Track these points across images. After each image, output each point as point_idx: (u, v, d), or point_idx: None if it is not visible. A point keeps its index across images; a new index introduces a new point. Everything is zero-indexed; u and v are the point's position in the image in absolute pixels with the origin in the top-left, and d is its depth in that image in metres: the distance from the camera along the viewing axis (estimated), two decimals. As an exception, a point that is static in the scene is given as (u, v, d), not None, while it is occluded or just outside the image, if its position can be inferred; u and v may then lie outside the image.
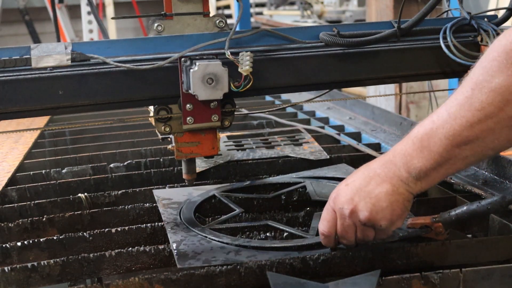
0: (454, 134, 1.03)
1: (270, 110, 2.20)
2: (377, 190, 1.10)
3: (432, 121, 1.06)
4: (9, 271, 1.15)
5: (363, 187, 1.11)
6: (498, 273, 1.12)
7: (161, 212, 1.40)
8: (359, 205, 1.10)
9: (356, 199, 1.11)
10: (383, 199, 1.10)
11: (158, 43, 1.31)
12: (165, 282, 1.10)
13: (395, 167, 1.09)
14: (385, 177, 1.10)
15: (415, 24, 1.44)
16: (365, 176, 1.12)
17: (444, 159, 1.06)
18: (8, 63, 1.22)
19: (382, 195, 1.10)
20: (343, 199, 1.12)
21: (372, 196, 1.10)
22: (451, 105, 1.04)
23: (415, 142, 1.07)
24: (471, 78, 1.03)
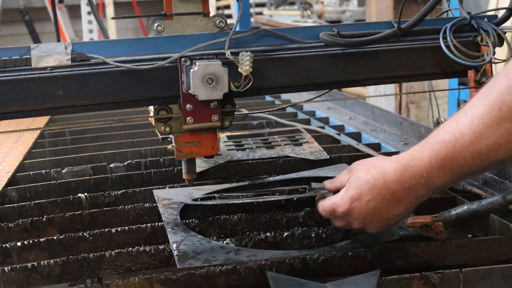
0: (480, 154, 0.99)
1: (270, 110, 2.20)
2: (391, 213, 1.11)
3: (456, 139, 1.01)
4: (9, 271, 1.15)
5: (378, 210, 1.10)
6: (498, 273, 1.12)
7: (161, 212, 1.40)
8: (369, 224, 1.13)
9: (369, 219, 1.12)
10: (394, 220, 1.13)
11: (158, 43, 1.31)
12: (165, 282, 1.10)
13: (413, 186, 1.07)
14: (402, 197, 1.09)
15: (415, 24, 1.44)
16: (382, 197, 1.10)
17: (466, 175, 1.06)
18: (8, 63, 1.22)
19: (394, 217, 1.12)
20: (356, 216, 1.13)
21: (385, 218, 1.12)
22: (475, 123, 0.99)
23: (438, 161, 1.04)
24: (497, 96, 0.96)
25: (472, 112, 1.00)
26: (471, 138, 0.99)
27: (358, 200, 1.11)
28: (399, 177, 1.08)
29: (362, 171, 1.13)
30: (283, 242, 1.29)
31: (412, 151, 1.08)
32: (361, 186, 1.11)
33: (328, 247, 1.23)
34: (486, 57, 1.47)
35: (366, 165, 1.14)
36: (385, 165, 1.10)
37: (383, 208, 1.10)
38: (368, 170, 1.12)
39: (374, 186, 1.10)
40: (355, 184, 1.12)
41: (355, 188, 1.12)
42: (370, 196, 1.10)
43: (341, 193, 1.15)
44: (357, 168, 1.15)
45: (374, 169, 1.11)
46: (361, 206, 1.11)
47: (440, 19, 1.55)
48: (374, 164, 1.13)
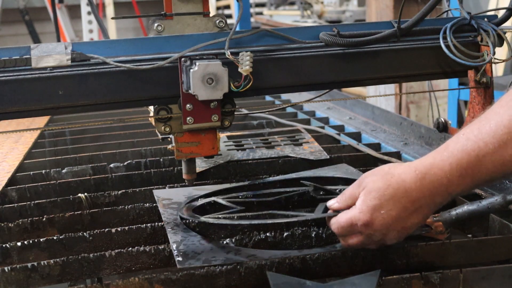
0: (504, 163, 0.99)
1: (270, 110, 2.20)
2: (411, 221, 1.09)
3: (478, 147, 1.00)
4: (9, 271, 1.15)
5: (400, 219, 1.08)
6: (498, 273, 1.12)
7: (161, 212, 1.40)
8: (390, 235, 1.10)
9: (390, 229, 1.09)
10: (413, 228, 1.11)
11: (158, 43, 1.31)
12: (165, 282, 1.10)
13: (433, 194, 1.06)
14: (422, 205, 1.07)
15: (415, 24, 1.44)
16: (402, 206, 1.07)
17: (486, 183, 1.06)
18: (8, 63, 1.22)
19: (413, 225, 1.10)
20: (377, 227, 1.09)
21: (405, 227, 1.09)
22: (499, 132, 0.98)
23: (459, 170, 1.03)
24: None
25: (496, 120, 0.99)
26: (495, 147, 0.99)
27: (379, 211, 1.07)
28: (419, 185, 1.05)
29: (378, 181, 1.08)
30: (283, 242, 1.29)
31: (430, 159, 1.06)
32: (381, 196, 1.07)
33: (328, 247, 1.22)
34: (486, 57, 1.47)
35: (381, 174, 1.09)
36: (402, 172, 1.07)
37: (404, 217, 1.07)
38: (385, 179, 1.08)
39: (394, 195, 1.06)
40: (374, 195, 1.07)
41: (374, 199, 1.07)
42: (391, 206, 1.06)
43: (358, 206, 1.09)
44: (371, 179, 1.10)
45: (392, 177, 1.07)
46: (382, 216, 1.07)
47: (440, 19, 1.55)
48: (390, 173, 1.09)
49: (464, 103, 3.56)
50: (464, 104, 3.57)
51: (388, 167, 1.11)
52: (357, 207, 1.09)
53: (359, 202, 1.09)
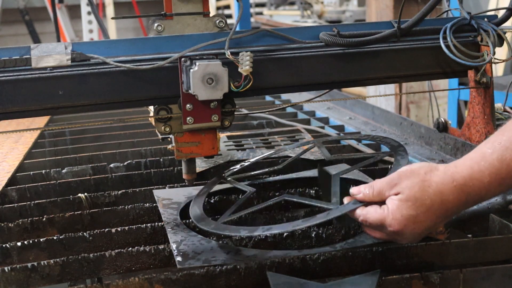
0: None
1: (270, 110, 2.20)
2: (438, 226, 1.12)
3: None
4: (9, 271, 1.15)
5: (430, 227, 1.09)
6: (498, 273, 1.12)
7: (161, 212, 1.40)
8: (415, 239, 1.11)
9: (417, 237, 1.10)
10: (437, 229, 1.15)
11: (158, 43, 1.31)
12: (165, 282, 1.10)
13: (469, 204, 1.08)
14: (454, 213, 1.09)
15: (415, 24, 1.44)
16: (436, 217, 1.07)
17: None
18: (8, 63, 1.22)
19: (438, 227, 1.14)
20: (407, 236, 1.09)
21: (432, 231, 1.13)
22: None
23: (498, 180, 1.03)
24: None
25: None
26: None
27: (414, 223, 1.06)
28: (456, 196, 1.05)
29: (415, 188, 1.06)
30: (283, 242, 1.29)
31: (468, 169, 1.05)
32: (417, 208, 1.05)
33: (328, 247, 1.22)
34: (486, 57, 1.47)
35: (418, 182, 1.07)
36: (440, 182, 1.06)
37: (434, 225, 1.09)
38: (423, 189, 1.06)
39: (431, 208, 1.06)
40: (410, 205, 1.05)
41: (410, 209, 1.05)
42: (425, 217, 1.06)
43: (392, 211, 1.07)
44: (407, 184, 1.07)
45: (429, 187, 1.06)
46: (415, 227, 1.07)
47: (440, 19, 1.55)
48: (428, 180, 1.06)
49: (464, 103, 3.57)
50: (464, 104, 3.57)
51: (424, 172, 1.08)
52: (390, 211, 1.07)
53: (393, 208, 1.07)
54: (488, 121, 1.56)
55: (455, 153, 1.74)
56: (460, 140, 1.71)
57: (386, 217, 1.07)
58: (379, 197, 1.10)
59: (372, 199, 1.10)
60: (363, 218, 1.11)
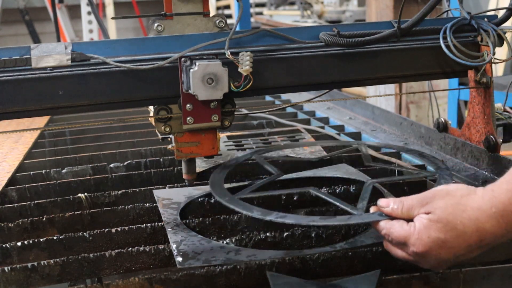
0: None
1: (270, 110, 2.20)
2: (468, 256, 1.00)
3: None
4: (9, 271, 1.15)
5: (459, 256, 1.00)
6: (498, 273, 1.12)
7: (161, 212, 1.40)
8: (439, 266, 1.03)
9: (442, 263, 1.02)
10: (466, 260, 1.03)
11: (158, 43, 1.31)
12: (165, 282, 1.10)
13: (508, 232, 0.97)
14: (490, 244, 0.99)
15: (415, 24, 1.44)
16: (467, 245, 0.98)
17: None
18: (8, 63, 1.22)
19: (469, 258, 1.02)
20: (429, 260, 1.01)
21: (459, 260, 1.02)
22: None
23: None
24: None
25: None
26: None
27: (440, 247, 0.98)
28: (495, 224, 0.96)
29: (448, 210, 0.98)
30: (283, 242, 1.29)
31: (506, 193, 0.96)
32: (447, 231, 0.98)
33: (328, 247, 1.22)
34: (486, 57, 1.47)
35: (453, 204, 0.99)
36: (477, 208, 0.97)
37: (463, 254, 0.99)
38: (457, 212, 0.98)
39: (463, 234, 0.97)
40: (440, 226, 0.98)
41: (439, 231, 0.98)
42: (455, 244, 0.98)
43: (418, 231, 1.00)
44: (440, 205, 1.00)
45: (464, 212, 0.97)
46: (440, 252, 0.99)
47: (440, 19, 1.55)
48: (463, 204, 0.98)
49: (464, 103, 3.57)
50: (464, 104, 3.57)
51: (460, 195, 1.00)
52: (416, 230, 1.00)
53: (421, 227, 1.00)
54: (488, 121, 1.56)
55: (455, 153, 1.74)
56: (460, 140, 1.71)
57: (411, 235, 1.00)
58: (408, 215, 1.03)
59: (400, 216, 1.03)
60: (387, 232, 1.04)
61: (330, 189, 1.51)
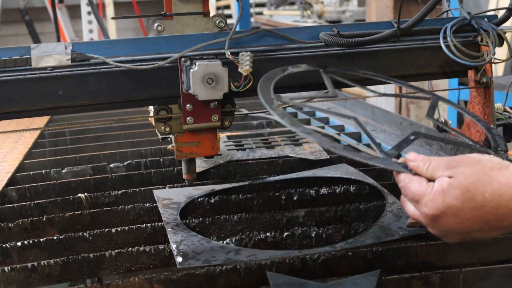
0: None
1: (270, 110, 2.19)
2: (486, 235, 0.95)
3: None
4: (9, 271, 1.15)
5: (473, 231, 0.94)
6: (498, 273, 1.12)
7: (161, 212, 1.40)
8: (448, 237, 0.98)
9: (450, 234, 0.96)
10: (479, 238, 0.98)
11: (158, 43, 1.31)
12: (165, 282, 1.10)
13: None
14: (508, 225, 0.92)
15: (415, 24, 1.44)
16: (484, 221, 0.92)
17: None
18: (8, 63, 1.22)
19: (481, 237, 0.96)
20: (438, 225, 0.95)
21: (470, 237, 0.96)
22: None
23: None
24: None
25: None
26: None
27: (453, 215, 0.92)
28: None
29: (472, 178, 0.92)
30: (283, 242, 1.29)
31: None
32: (465, 201, 0.91)
33: (328, 247, 1.22)
34: (486, 57, 1.47)
35: (478, 174, 0.92)
36: (504, 183, 0.91)
37: (478, 231, 0.93)
38: (480, 182, 0.91)
39: (481, 208, 0.91)
40: (458, 193, 0.92)
41: (456, 198, 0.92)
42: (470, 216, 0.92)
43: (436, 191, 0.94)
44: (465, 171, 0.93)
45: (489, 185, 0.91)
46: (453, 221, 0.93)
47: (440, 19, 1.55)
48: (490, 176, 0.92)
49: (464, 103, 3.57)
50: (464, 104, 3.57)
51: (490, 167, 0.93)
52: (433, 191, 0.94)
53: (438, 189, 0.93)
54: (488, 121, 1.56)
55: (455, 153, 1.74)
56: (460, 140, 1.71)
57: (426, 195, 0.94)
58: (431, 175, 0.96)
59: (423, 174, 0.97)
60: (404, 185, 0.99)
61: (330, 189, 1.51)
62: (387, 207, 1.38)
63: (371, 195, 1.51)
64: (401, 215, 1.33)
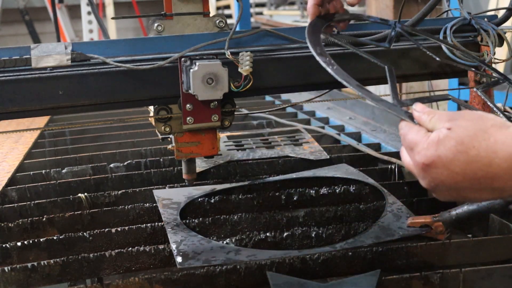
0: None
1: (270, 110, 2.20)
2: (477, 195, 0.91)
3: None
4: (9, 271, 1.15)
5: (461, 188, 0.90)
6: (498, 273, 1.12)
7: (161, 212, 1.40)
8: (438, 191, 0.93)
9: (440, 189, 0.92)
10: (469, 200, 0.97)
11: (158, 43, 1.31)
12: (165, 282, 1.10)
13: None
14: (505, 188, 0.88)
15: (415, 24, 1.44)
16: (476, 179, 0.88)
17: None
18: (8, 63, 1.22)
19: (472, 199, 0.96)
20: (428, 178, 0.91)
21: (461, 196, 0.92)
22: None
23: None
24: None
25: None
26: None
27: (444, 167, 0.89)
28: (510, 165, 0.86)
29: (469, 132, 0.89)
30: (283, 242, 1.29)
31: None
32: (457, 154, 0.88)
33: (328, 247, 1.23)
34: (486, 57, 1.47)
35: (479, 131, 0.89)
36: (502, 142, 0.87)
37: (468, 188, 0.90)
38: (476, 138, 0.88)
39: (472, 163, 0.87)
40: (452, 145, 0.89)
41: (449, 150, 0.89)
42: (460, 169, 0.88)
43: (431, 140, 0.91)
44: (464, 124, 0.90)
45: (485, 141, 0.87)
46: (443, 173, 0.90)
47: (440, 19, 1.55)
48: (488, 133, 0.88)
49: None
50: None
51: (491, 124, 0.89)
52: (428, 140, 0.92)
53: (434, 139, 0.91)
54: (488, 121, 1.56)
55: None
56: (460, 140, 1.71)
57: (421, 143, 0.92)
58: (433, 126, 0.94)
59: (425, 125, 0.95)
60: (403, 132, 0.97)
61: (330, 189, 1.51)
62: (387, 207, 1.38)
63: (371, 195, 1.51)
64: (401, 215, 1.33)
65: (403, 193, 1.52)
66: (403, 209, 1.36)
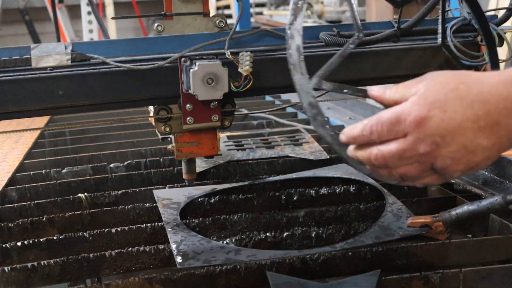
0: None
1: (270, 110, 2.20)
2: (478, 142, 0.84)
3: None
4: (9, 271, 1.15)
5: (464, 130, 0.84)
6: (498, 273, 1.12)
7: (161, 212, 1.40)
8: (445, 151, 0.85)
9: (447, 141, 0.84)
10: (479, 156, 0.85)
11: (158, 43, 1.31)
12: (165, 282, 1.10)
13: None
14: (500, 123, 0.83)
15: (415, 24, 1.44)
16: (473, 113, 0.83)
17: None
18: (8, 63, 1.22)
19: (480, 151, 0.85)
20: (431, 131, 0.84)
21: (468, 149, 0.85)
22: None
23: None
24: None
25: None
26: None
27: (440, 108, 0.83)
28: (502, 90, 0.82)
29: (447, 75, 0.86)
30: (283, 242, 1.29)
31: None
32: (447, 93, 0.83)
33: (328, 247, 1.23)
34: (486, 57, 1.47)
35: (453, 72, 0.87)
36: (482, 75, 0.85)
37: (470, 129, 0.83)
38: (457, 76, 0.85)
39: (465, 96, 0.83)
40: (438, 88, 0.84)
41: (437, 93, 0.83)
42: (457, 107, 0.82)
43: (412, 99, 0.85)
44: (437, 73, 0.87)
45: (469, 77, 0.85)
46: (442, 117, 0.83)
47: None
48: (466, 73, 0.86)
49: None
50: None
51: (467, 72, 0.88)
52: (410, 100, 0.85)
53: (415, 97, 0.85)
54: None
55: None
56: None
57: (404, 108, 0.85)
58: (402, 95, 0.87)
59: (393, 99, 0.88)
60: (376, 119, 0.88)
61: (330, 189, 1.51)
62: (387, 207, 1.38)
63: (371, 195, 1.51)
64: (401, 215, 1.33)
65: (403, 193, 1.52)
66: (403, 209, 1.36)
